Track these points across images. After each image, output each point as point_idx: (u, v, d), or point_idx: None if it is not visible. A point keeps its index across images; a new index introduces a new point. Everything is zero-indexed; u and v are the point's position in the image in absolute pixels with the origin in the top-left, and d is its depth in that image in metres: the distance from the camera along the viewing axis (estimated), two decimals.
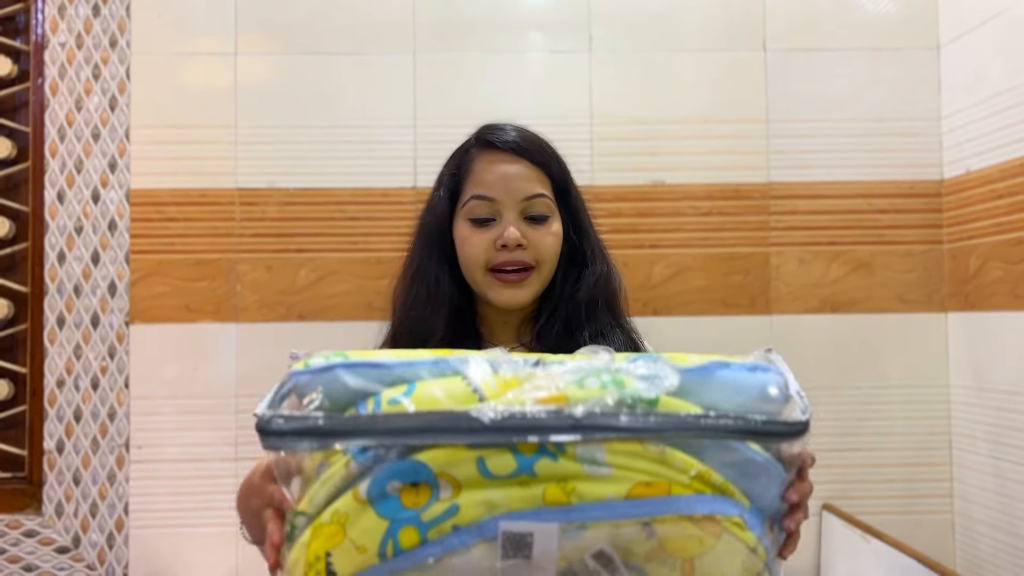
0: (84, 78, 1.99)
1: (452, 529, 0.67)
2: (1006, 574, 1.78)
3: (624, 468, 0.68)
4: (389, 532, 0.67)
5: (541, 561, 0.66)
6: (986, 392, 1.86)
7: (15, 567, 1.94)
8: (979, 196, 1.87)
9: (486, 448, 0.67)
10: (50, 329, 1.97)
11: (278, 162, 2.00)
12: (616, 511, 0.67)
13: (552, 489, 0.67)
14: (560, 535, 0.66)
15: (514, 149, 1.15)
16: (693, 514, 0.67)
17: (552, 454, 0.67)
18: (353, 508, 0.68)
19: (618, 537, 0.66)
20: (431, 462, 0.68)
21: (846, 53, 2.03)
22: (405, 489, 0.67)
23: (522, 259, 1.12)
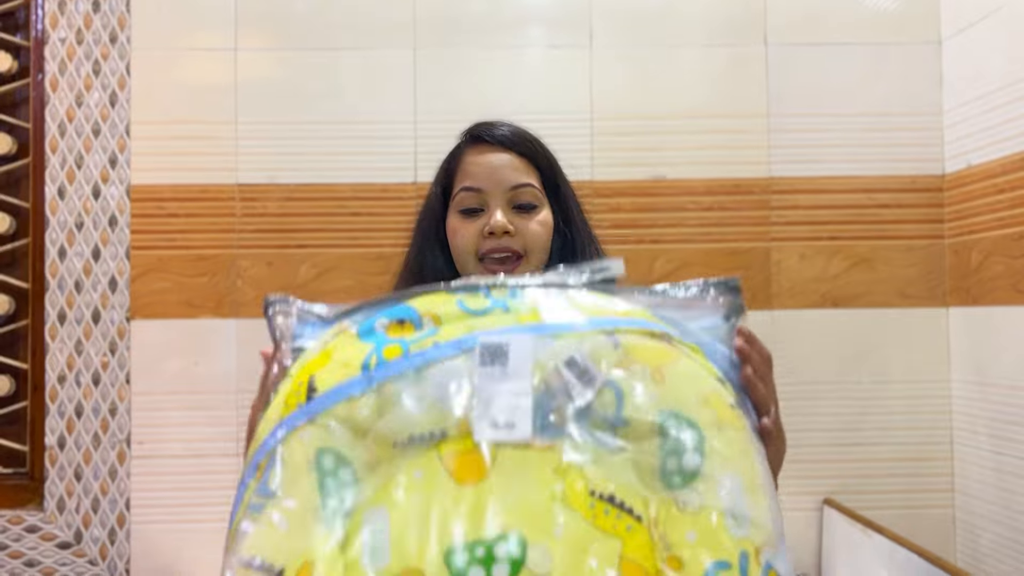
0: (84, 74, 1.99)
1: (433, 344, 0.71)
2: (1007, 569, 1.78)
3: (583, 305, 0.75)
4: (373, 350, 0.71)
5: (518, 368, 0.69)
6: (987, 387, 1.86)
7: (17, 563, 1.95)
8: (981, 191, 1.87)
9: (464, 293, 0.75)
10: (51, 325, 1.97)
11: (279, 157, 2.00)
12: (582, 325, 0.72)
13: (525, 316, 0.73)
14: (533, 344, 0.70)
15: (501, 142, 1.17)
16: (652, 329, 0.73)
17: (520, 296, 0.75)
18: (342, 341, 0.74)
19: (588, 345, 0.70)
20: (416, 304, 0.75)
21: (847, 48, 2.03)
22: (391, 325, 0.73)
23: (509, 246, 1.14)
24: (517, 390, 0.68)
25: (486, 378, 0.68)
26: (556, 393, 0.68)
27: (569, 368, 0.69)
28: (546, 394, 0.68)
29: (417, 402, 0.68)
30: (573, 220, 1.21)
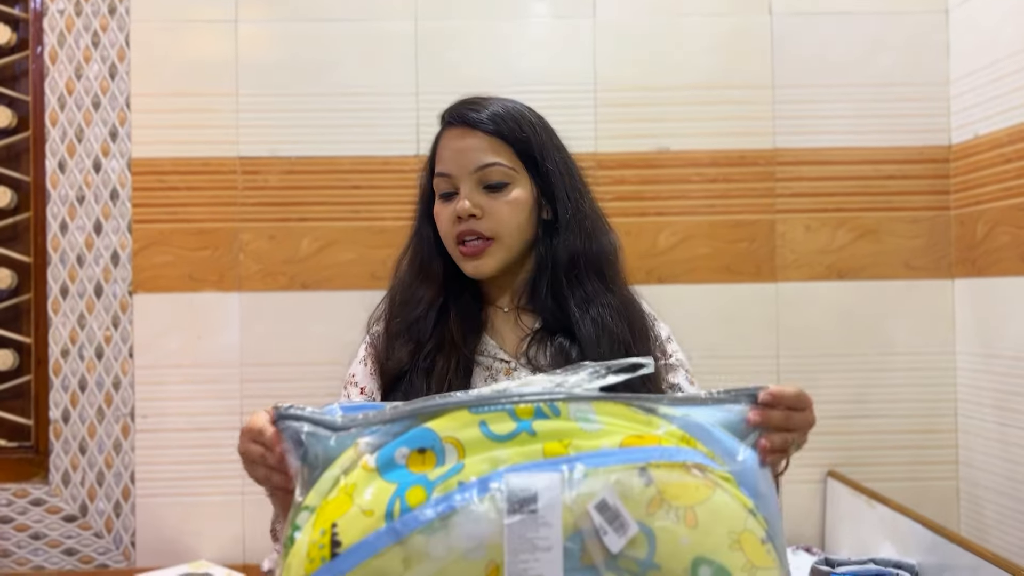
0: (83, 46, 1.98)
1: (458, 485, 0.68)
2: (1012, 540, 1.78)
3: (614, 424, 0.73)
4: (397, 493, 0.68)
5: (547, 515, 0.67)
6: (993, 358, 1.85)
7: (23, 535, 1.95)
8: (987, 161, 1.85)
9: (487, 413, 0.72)
10: (54, 299, 1.97)
11: (280, 130, 1.98)
12: (612, 457, 0.70)
13: (551, 444, 0.71)
14: (562, 485, 0.68)
15: (466, 122, 1.16)
16: (685, 461, 0.71)
17: (547, 416, 0.72)
18: (361, 477, 0.70)
19: (618, 484, 0.68)
20: (437, 428, 0.71)
21: (853, 17, 2.00)
22: (412, 456, 0.71)
23: (475, 229, 1.13)
24: (547, 541, 0.66)
25: (515, 527, 0.66)
26: (586, 536, 0.67)
27: (600, 512, 0.67)
28: (575, 538, 0.67)
29: (445, 553, 0.66)
30: (554, 194, 1.18)
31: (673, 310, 1.32)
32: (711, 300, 1.99)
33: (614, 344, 1.11)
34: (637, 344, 1.14)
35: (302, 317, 1.98)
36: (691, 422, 0.76)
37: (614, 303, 1.16)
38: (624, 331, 1.13)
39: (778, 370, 1.98)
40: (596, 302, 1.15)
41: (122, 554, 1.96)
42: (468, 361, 1.14)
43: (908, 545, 1.58)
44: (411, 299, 1.18)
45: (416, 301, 1.18)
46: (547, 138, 1.19)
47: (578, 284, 1.16)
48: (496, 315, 1.21)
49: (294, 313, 1.98)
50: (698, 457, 0.72)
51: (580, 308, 1.14)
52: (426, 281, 1.19)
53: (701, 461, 0.72)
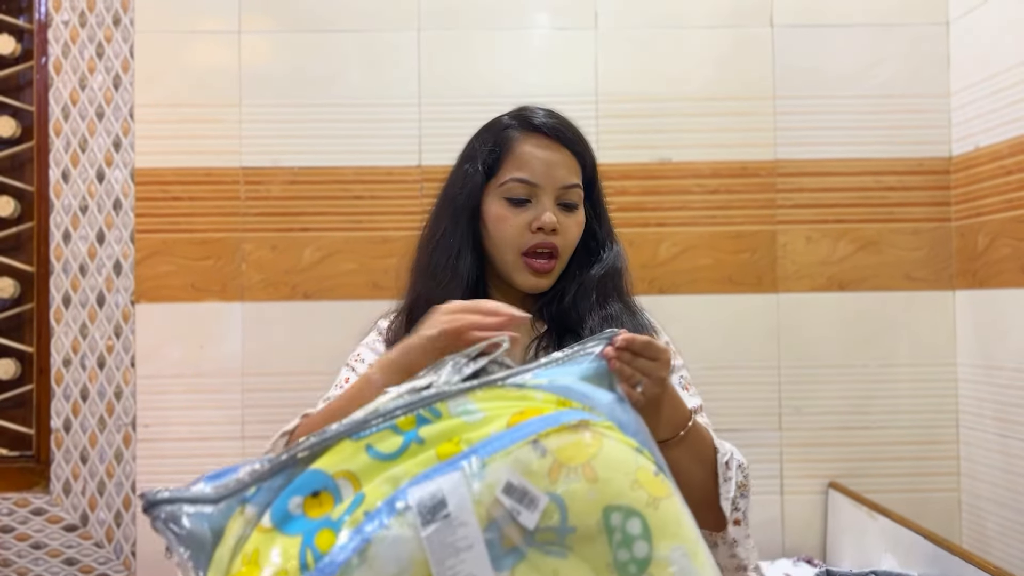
0: (88, 56, 1.99)
1: (364, 516, 0.66)
2: (1014, 552, 1.78)
3: (495, 408, 0.74)
4: (304, 543, 0.66)
5: (460, 515, 0.67)
6: (994, 370, 1.86)
7: (24, 545, 1.95)
8: (988, 172, 1.86)
9: (370, 436, 0.71)
10: (56, 308, 1.97)
11: (282, 140, 1.99)
12: (504, 439, 0.71)
13: (443, 446, 0.71)
14: (465, 481, 0.68)
15: (558, 136, 1.17)
16: (568, 422, 0.73)
17: (429, 420, 0.73)
18: (261, 541, 0.67)
19: (517, 463, 0.69)
20: (324, 466, 0.69)
21: (854, 29, 2.01)
22: (308, 501, 0.68)
23: (553, 243, 1.16)
24: (467, 540, 0.66)
25: (432, 537, 0.65)
26: (501, 523, 0.68)
27: (509, 495, 0.68)
28: (493, 526, 0.67)
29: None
30: (601, 215, 1.24)
31: (674, 321, 1.33)
32: (712, 311, 1.99)
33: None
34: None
35: (304, 327, 1.98)
36: (558, 385, 0.79)
37: (621, 311, 1.19)
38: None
39: (779, 381, 1.98)
40: (610, 312, 1.18)
41: (123, 564, 1.96)
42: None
43: (910, 557, 1.58)
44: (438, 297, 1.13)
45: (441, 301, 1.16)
46: (596, 163, 1.24)
47: (601, 297, 1.19)
48: None
49: (296, 323, 1.98)
50: (578, 415, 0.75)
51: (597, 321, 1.16)
52: (455, 280, 1.16)
53: (582, 418, 0.75)
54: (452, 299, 1.13)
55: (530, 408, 0.75)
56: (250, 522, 0.68)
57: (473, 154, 1.21)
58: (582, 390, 0.80)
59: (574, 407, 0.77)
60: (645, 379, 0.88)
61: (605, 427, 0.76)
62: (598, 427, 0.75)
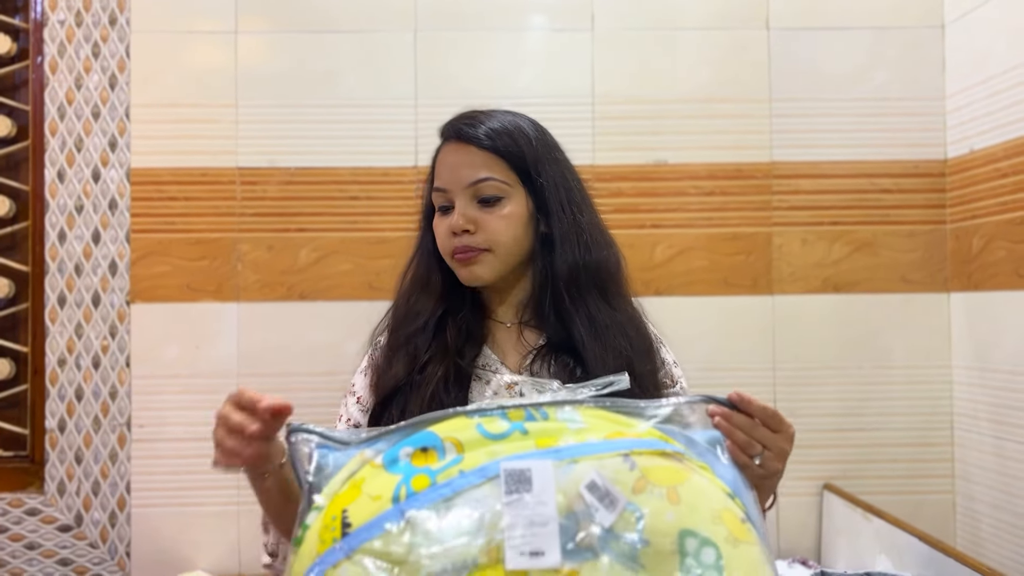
0: (84, 56, 1.98)
1: (459, 473, 0.73)
2: (1008, 553, 1.78)
3: (597, 423, 0.79)
4: (402, 481, 0.74)
5: (541, 495, 0.71)
6: (988, 372, 1.86)
7: (18, 545, 1.95)
8: (983, 175, 1.87)
9: (483, 417, 0.78)
10: (51, 308, 1.97)
11: (279, 141, 1.99)
12: (598, 447, 0.75)
13: (542, 439, 0.76)
14: (554, 469, 0.73)
15: (461, 137, 1.16)
16: (664, 449, 0.77)
17: (536, 419, 0.79)
18: (368, 473, 0.76)
19: (605, 468, 0.73)
20: (438, 430, 0.77)
21: (850, 32, 2.02)
22: (416, 453, 0.76)
23: (469, 244, 1.13)
24: (543, 517, 0.70)
25: (513, 506, 0.71)
26: (580, 517, 0.71)
27: (591, 491, 0.72)
28: (570, 518, 0.71)
29: (448, 533, 0.70)
30: (550, 209, 1.16)
31: (670, 322, 1.32)
32: (708, 313, 1.99)
33: (619, 363, 1.10)
34: (641, 362, 1.14)
35: (300, 327, 1.98)
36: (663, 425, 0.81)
37: (618, 320, 1.15)
38: (627, 348, 1.13)
39: (774, 383, 1.99)
40: (600, 320, 1.14)
41: (117, 564, 1.96)
42: (464, 371, 1.14)
43: (904, 559, 1.58)
44: (410, 312, 1.19)
45: (415, 314, 1.18)
46: (544, 151, 1.18)
47: (581, 301, 1.15)
48: (498, 329, 1.20)
49: (292, 323, 1.98)
50: (676, 448, 0.78)
51: (585, 327, 1.13)
52: (426, 293, 1.19)
53: (678, 451, 0.78)
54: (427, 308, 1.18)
55: (631, 432, 0.78)
56: (365, 462, 0.78)
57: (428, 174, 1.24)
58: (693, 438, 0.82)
59: (674, 444, 0.79)
60: (767, 451, 0.87)
61: (699, 466, 0.78)
62: (692, 463, 0.78)
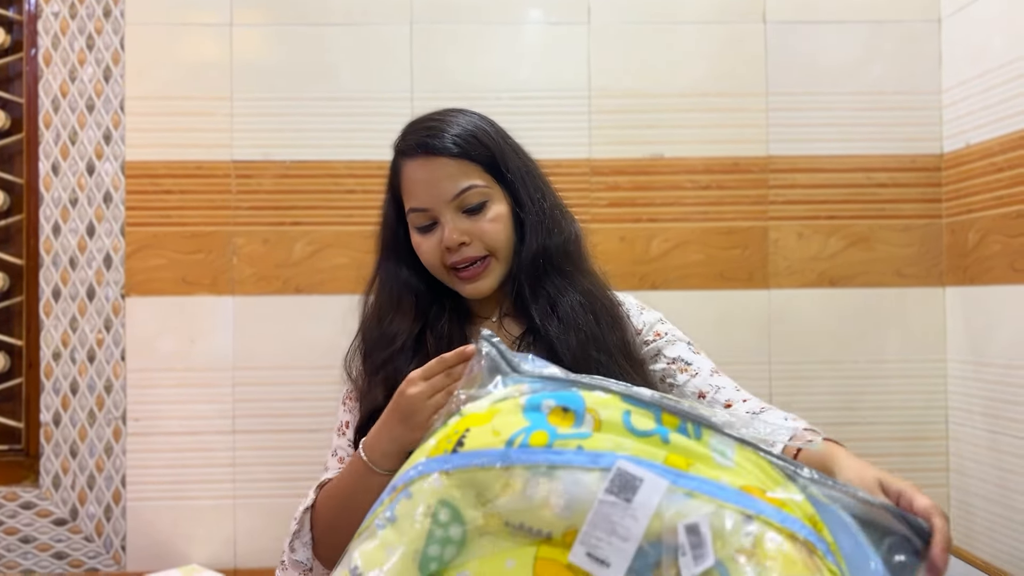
0: (78, 48, 1.97)
1: (576, 448, 0.71)
2: (1000, 547, 1.79)
3: (746, 469, 0.72)
4: (525, 429, 0.73)
5: (638, 510, 0.67)
6: (983, 366, 1.86)
7: (12, 539, 1.95)
8: (979, 170, 1.87)
9: (636, 407, 0.75)
10: (46, 301, 1.96)
11: (274, 134, 1.98)
12: (726, 494, 0.69)
13: (675, 457, 0.71)
14: (667, 493, 0.68)
15: (428, 150, 1.13)
16: (796, 533, 0.68)
17: (687, 434, 0.73)
18: (508, 406, 0.77)
19: (718, 518, 0.67)
20: (586, 398, 0.76)
21: (847, 26, 2.01)
22: (556, 410, 0.75)
23: (470, 255, 1.14)
24: (628, 531, 0.67)
25: (606, 505, 0.68)
26: (665, 551, 0.67)
27: (689, 533, 0.67)
28: (655, 546, 0.67)
29: (538, 497, 0.69)
30: (520, 200, 1.18)
31: (666, 316, 1.32)
32: (704, 306, 1.99)
33: (580, 337, 1.12)
34: (607, 335, 1.14)
35: (295, 321, 1.98)
36: (822, 504, 0.73)
37: (577, 297, 1.16)
38: (590, 323, 1.14)
39: (770, 376, 1.99)
40: (562, 300, 1.15)
41: (112, 558, 1.96)
42: None
43: None
44: (384, 336, 1.17)
45: (390, 337, 1.16)
46: (504, 145, 1.18)
47: (540, 284, 1.16)
48: (483, 325, 1.21)
49: (287, 317, 1.98)
50: (814, 538, 0.68)
51: (543, 311, 1.14)
52: (399, 315, 1.17)
53: (814, 542, 0.68)
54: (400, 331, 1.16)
55: (775, 499, 0.70)
56: (515, 394, 0.78)
57: (387, 189, 1.22)
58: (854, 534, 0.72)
59: (819, 532, 0.70)
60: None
61: (830, 570, 0.68)
62: (824, 563, 0.68)
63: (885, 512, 0.74)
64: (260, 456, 1.96)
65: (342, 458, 1.17)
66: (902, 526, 0.74)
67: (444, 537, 0.71)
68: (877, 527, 0.74)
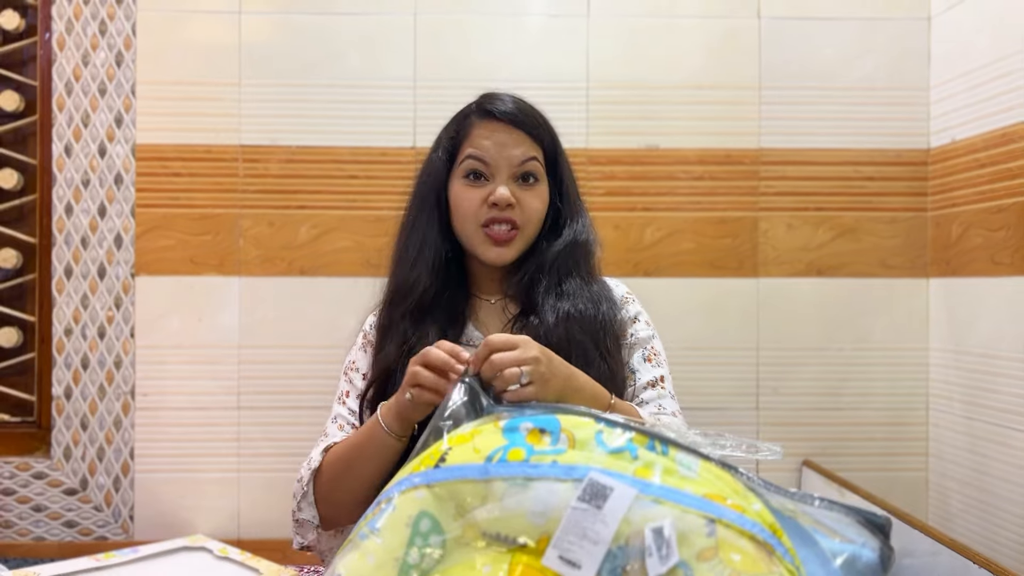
0: (91, 33, 2.03)
1: (551, 462, 0.77)
2: (973, 527, 1.86)
3: (709, 480, 0.77)
4: (503, 447, 0.80)
5: (608, 516, 0.73)
6: (962, 355, 1.93)
7: (25, 507, 2.02)
8: (963, 165, 1.93)
9: (608, 426, 0.81)
10: (58, 279, 2.03)
11: (281, 119, 2.04)
12: (690, 500, 0.74)
13: (643, 470, 0.77)
14: (635, 500, 0.73)
15: (512, 119, 1.22)
16: (756, 535, 0.73)
17: (655, 451, 0.79)
18: (488, 428, 0.84)
19: (683, 522, 0.72)
20: (562, 420, 0.82)
21: (838, 22, 2.07)
22: (533, 431, 0.81)
23: (511, 217, 1.21)
24: (598, 536, 0.72)
25: (577, 512, 0.73)
26: (631, 553, 0.71)
27: (654, 535, 0.71)
28: (623, 549, 0.71)
29: (515, 507, 0.75)
30: (566, 193, 1.29)
31: (658, 303, 1.39)
32: (695, 294, 2.06)
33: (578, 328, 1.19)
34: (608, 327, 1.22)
35: (300, 301, 2.04)
36: (788, 520, 0.78)
37: (589, 293, 1.24)
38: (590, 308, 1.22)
39: (757, 362, 2.06)
40: (574, 293, 1.22)
41: (121, 527, 2.03)
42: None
43: None
44: (410, 283, 1.22)
45: (412, 284, 1.22)
46: (560, 147, 1.29)
47: (559, 274, 1.23)
48: (481, 306, 1.27)
49: (292, 297, 2.04)
50: (772, 540, 0.74)
51: (553, 299, 1.21)
52: (421, 262, 1.23)
53: (772, 543, 0.74)
54: (422, 282, 1.22)
55: (736, 504, 0.75)
56: (493, 419, 0.86)
57: (439, 143, 1.28)
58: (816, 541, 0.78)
59: (778, 536, 0.75)
60: None
61: (788, 569, 0.73)
62: (782, 563, 0.73)
63: (846, 515, 0.79)
64: (264, 431, 2.03)
65: (342, 425, 1.24)
66: (863, 526, 0.79)
67: (423, 545, 0.76)
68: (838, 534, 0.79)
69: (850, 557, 0.78)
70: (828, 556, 0.78)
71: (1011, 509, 1.75)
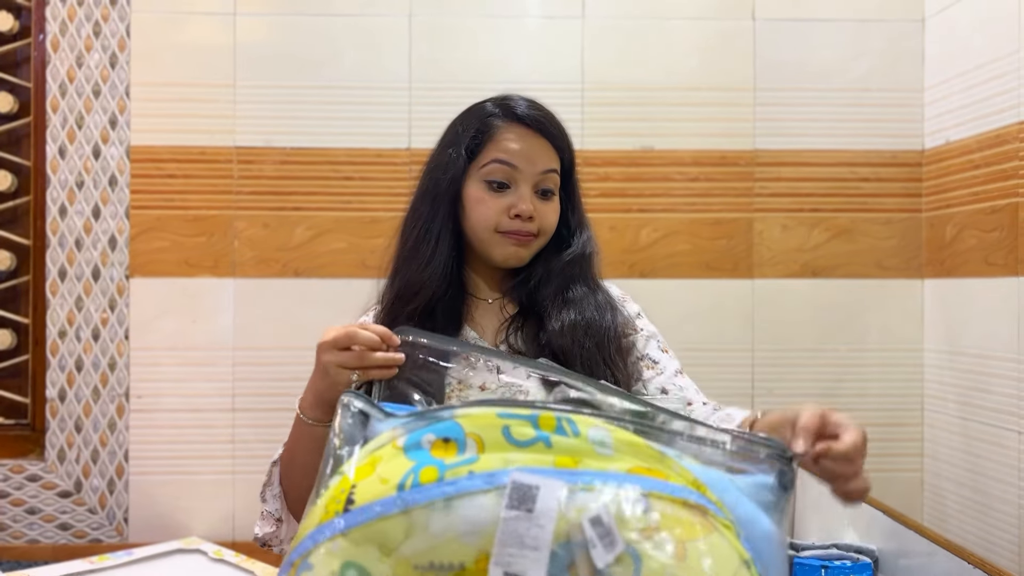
0: (85, 35, 2.03)
1: (468, 474, 0.72)
2: (970, 528, 1.86)
3: (627, 453, 0.75)
4: (412, 469, 0.73)
5: (541, 517, 0.69)
6: (957, 356, 1.93)
7: (19, 510, 2.01)
8: (957, 166, 1.93)
9: (512, 419, 0.76)
10: (52, 281, 2.02)
11: (275, 121, 2.04)
12: (618, 479, 0.72)
13: (563, 458, 0.74)
14: (563, 492, 0.70)
15: (540, 128, 1.21)
16: (687, 499, 0.72)
17: (566, 434, 0.75)
18: (388, 452, 0.76)
19: (615, 504, 0.70)
20: (464, 423, 0.76)
21: (833, 24, 2.07)
22: (437, 443, 0.75)
23: (530, 230, 1.20)
24: (537, 540, 0.68)
25: (510, 521, 0.69)
26: (575, 549, 0.68)
27: (593, 526, 0.69)
28: (565, 547, 0.69)
29: (442, 531, 0.70)
30: (575, 203, 1.30)
31: (653, 304, 1.38)
32: (690, 295, 2.06)
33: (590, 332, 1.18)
34: (612, 335, 1.21)
35: (294, 303, 2.04)
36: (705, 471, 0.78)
37: (595, 301, 1.23)
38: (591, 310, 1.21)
39: (753, 363, 2.06)
40: (580, 301, 1.22)
41: (115, 530, 2.02)
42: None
43: (870, 531, 1.66)
44: (416, 287, 1.20)
45: (416, 290, 1.20)
46: (574, 154, 1.28)
47: (565, 281, 1.23)
48: (477, 307, 1.26)
49: (286, 299, 2.04)
50: (702, 500, 0.74)
51: (559, 304, 1.21)
52: (435, 270, 1.20)
53: (704, 504, 0.73)
54: (432, 283, 1.20)
55: (658, 471, 0.74)
56: (391, 439, 0.78)
57: (456, 139, 1.23)
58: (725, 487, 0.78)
59: (706, 494, 0.75)
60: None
61: (724, 524, 0.73)
62: (716, 520, 0.73)
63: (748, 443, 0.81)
64: (258, 433, 2.02)
65: None
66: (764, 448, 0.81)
67: None
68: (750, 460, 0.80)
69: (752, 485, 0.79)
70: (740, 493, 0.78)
71: (1006, 509, 1.76)
